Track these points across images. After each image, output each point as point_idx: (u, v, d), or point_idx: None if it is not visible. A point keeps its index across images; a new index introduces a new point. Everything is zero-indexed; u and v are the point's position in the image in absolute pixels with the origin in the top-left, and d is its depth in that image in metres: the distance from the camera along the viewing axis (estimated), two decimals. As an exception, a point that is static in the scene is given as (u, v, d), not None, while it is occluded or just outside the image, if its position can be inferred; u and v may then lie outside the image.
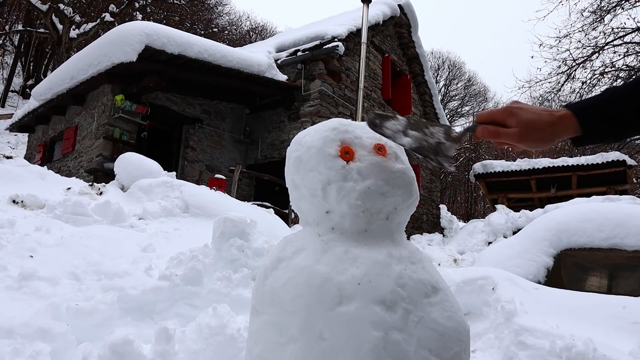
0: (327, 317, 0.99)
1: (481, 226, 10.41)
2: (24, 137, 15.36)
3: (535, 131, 0.89)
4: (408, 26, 12.93)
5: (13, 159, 5.41)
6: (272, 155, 10.57)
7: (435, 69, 30.17)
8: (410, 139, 1.03)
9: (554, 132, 0.89)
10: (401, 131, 1.04)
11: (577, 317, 2.66)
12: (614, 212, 4.56)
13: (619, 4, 11.17)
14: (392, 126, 1.05)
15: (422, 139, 1.02)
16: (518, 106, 0.91)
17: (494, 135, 0.93)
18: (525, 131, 0.89)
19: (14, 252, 2.65)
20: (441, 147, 1.01)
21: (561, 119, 0.88)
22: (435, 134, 1.02)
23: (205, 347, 1.87)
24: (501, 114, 0.92)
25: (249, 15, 51.99)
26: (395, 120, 1.06)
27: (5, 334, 1.75)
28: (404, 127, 1.05)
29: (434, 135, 1.02)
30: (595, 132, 0.88)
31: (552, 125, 0.88)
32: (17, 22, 22.60)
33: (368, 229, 1.11)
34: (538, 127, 0.88)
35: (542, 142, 0.90)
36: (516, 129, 0.89)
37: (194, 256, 2.75)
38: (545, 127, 0.88)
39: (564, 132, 0.88)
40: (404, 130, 1.04)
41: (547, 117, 0.89)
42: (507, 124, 0.91)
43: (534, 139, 0.89)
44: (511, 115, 0.90)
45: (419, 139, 1.02)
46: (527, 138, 0.89)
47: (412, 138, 1.03)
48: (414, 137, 1.03)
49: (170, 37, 8.03)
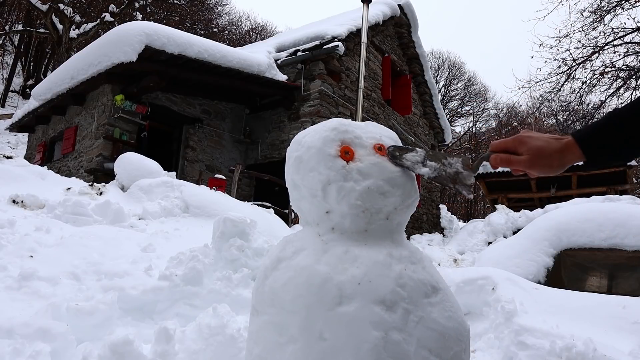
0: (327, 317, 0.99)
1: (481, 226, 10.41)
2: (24, 137, 15.36)
3: (544, 158, 0.94)
4: (408, 26, 12.92)
5: (13, 159, 5.41)
6: (272, 155, 10.57)
7: (435, 69, 30.16)
8: (429, 169, 1.09)
9: (561, 159, 0.94)
10: (420, 162, 1.11)
11: (577, 317, 2.66)
12: (614, 212, 4.56)
13: (619, 4, 11.17)
14: (411, 157, 1.12)
15: (441, 169, 1.08)
16: (528, 135, 0.97)
17: (507, 163, 0.99)
18: (534, 158, 0.95)
19: (14, 252, 2.65)
20: (459, 176, 1.07)
21: (567, 146, 0.93)
22: (453, 164, 1.08)
23: (205, 347, 1.88)
24: (512, 143, 0.98)
25: (249, 15, 51.99)
26: (414, 152, 1.12)
27: (5, 334, 1.75)
28: (423, 158, 1.11)
29: (452, 166, 1.08)
30: (598, 158, 0.93)
31: (559, 152, 0.94)
32: (17, 22, 22.59)
33: (368, 229, 1.11)
34: (547, 154, 0.94)
35: (551, 168, 0.95)
36: (527, 156, 0.95)
37: (194, 256, 2.75)
38: (553, 154, 0.94)
39: (571, 159, 0.94)
40: (422, 162, 1.10)
41: (555, 144, 0.94)
42: (518, 151, 0.97)
43: (543, 165, 0.95)
44: (522, 143, 0.96)
45: (438, 169, 1.09)
46: (536, 164, 0.95)
47: (431, 168, 1.09)
48: (433, 167, 1.09)
49: (170, 37, 8.03)
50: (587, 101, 16.66)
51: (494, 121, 32.88)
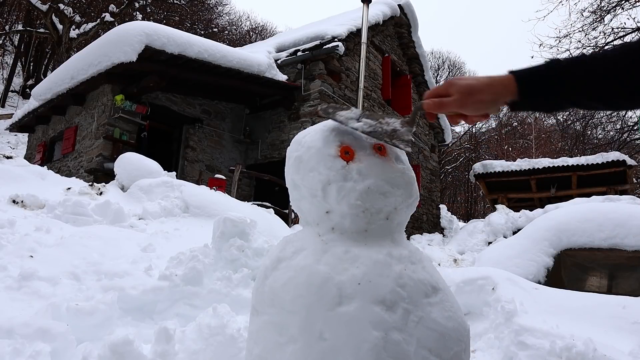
0: (327, 317, 0.99)
1: (481, 226, 10.41)
2: (24, 137, 15.36)
3: (474, 94, 0.92)
4: (408, 26, 12.92)
5: (13, 159, 5.41)
6: (272, 155, 10.57)
7: (435, 69, 30.16)
8: (363, 123, 1.07)
9: (493, 93, 0.92)
10: (354, 118, 1.09)
11: (577, 317, 2.66)
12: (614, 212, 4.56)
13: (619, 4, 11.18)
14: (345, 114, 1.11)
15: (377, 125, 1.07)
16: (458, 77, 0.96)
17: (438, 106, 0.97)
18: (465, 97, 0.93)
19: (14, 252, 2.65)
20: (397, 132, 1.05)
21: (500, 80, 0.92)
22: (391, 123, 1.07)
23: (205, 347, 1.87)
24: (443, 87, 0.97)
25: (249, 15, 52.03)
26: (349, 111, 1.11)
27: (5, 334, 1.75)
28: (358, 115, 1.10)
29: (389, 124, 1.07)
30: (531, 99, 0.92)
31: (490, 85, 0.92)
32: (17, 22, 22.60)
33: (368, 229, 1.11)
34: (477, 89, 0.92)
35: (482, 104, 0.93)
36: (457, 96, 0.93)
37: (194, 256, 2.75)
38: (483, 88, 0.92)
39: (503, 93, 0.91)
40: (357, 118, 1.09)
41: (485, 79, 0.93)
42: (449, 93, 0.95)
43: (474, 101, 0.92)
44: (451, 85, 0.95)
45: (373, 125, 1.07)
46: (467, 102, 0.93)
47: (365, 124, 1.07)
48: (368, 123, 1.07)
49: (170, 37, 8.03)
50: (587, 101, 16.58)
51: (494, 121, 32.87)
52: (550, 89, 0.89)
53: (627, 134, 16.17)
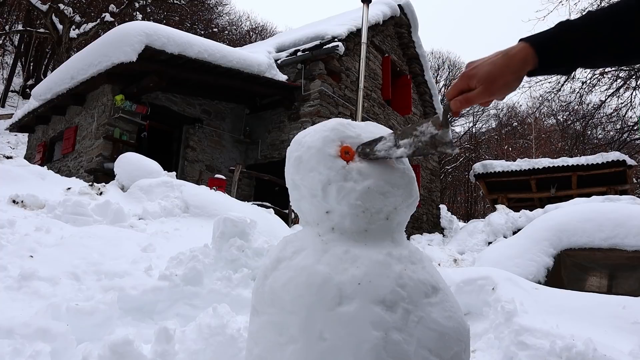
0: (327, 317, 0.99)
1: (481, 226, 10.40)
2: (24, 137, 15.36)
3: (496, 79, 0.90)
4: (408, 26, 12.93)
5: (13, 159, 5.41)
6: (272, 155, 10.57)
7: (435, 69, 30.15)
8: (404, 147, 1.05)
9: (514, 71, 0.90)
10: (393, 146, 1.07)
11: (577, 317, 2.66)
12: (614, 212, 4.56)
13: (619, 4, 11.15)
14: (382, 147, 1.08)
15: (415, 141, 1.04)
16: (472, 66, 0.93)
17: (466, 102, 0.95)
18: (489, 85, 0.91)
19: (14, 252, 2.65)
20: (436, 138, 1.02)
21: (518, 56, 0.90)
22: (425, 131, 1.04)
23: (205, 347, 1.87)
24: (462, 82, 0.94)
25: (249, 15, 52.02)
26: (384, 140, 1.09)
27: (5, 334, 1.75)
28: (394, 141, 1.07)
29: (425, 132, 1.04)
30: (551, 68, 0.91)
31: (508, 66, 0.90)
32: (17, 22, 22.59)
33: (368, 229, 1.11)
34: (498, 75, 0.90)
35: (507, 86, 0.91)
36: (481, 87, 0.91)
37: (194, 256, 2.75)
38: (504, 71, 0.90)
39: (524, 67, 0.90)
40: (395, 145, 1.07)
41: (502, 60, 0.90)
42: (471, 87, 0.93)
43: (500, 87, 0.91)
44: (470, 78, 0.93)
45: (412, 143, 1.04)
46: (494, 90, 0.91)
47: (405, 146, 1.05)
48: (407, 145, 1.05)
49: (170, 37, 8.03)
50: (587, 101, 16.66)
51: (494, 121, 32.90)
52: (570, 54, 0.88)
53: (627, 134, 16.18)
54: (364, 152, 1.10)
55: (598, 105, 15.50)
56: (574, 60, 0.89)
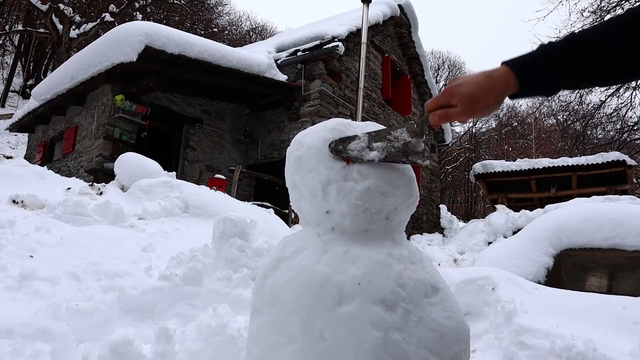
0: (327, 317, 0.99)
1: (481, 226, 10.40)
2: (24, 137, 15.35)
3: (477, 101, 0.92)
4: (408, 26, 12.92)
5: (13, 159, 5.41)
6: (272, 155, 10.57)
7: (435, 69, 30.15)
8: (377, 151, 1.06)
9: (495, 95, 0.91)
10: (366, 147, 1.07)
11: (577, 317, 2.66)
12: (614, 212, 4.56)
13: (619, 4, 11.18)
14: (355, 146, 1.08)
15: (389, 146, 1.05)
16: (456, 84, 0.94)
17: (445, 118, 0.96)
18: (469, 105, 0.92)
19: (14, 252, 2.65)
20: (409, 146, 1.04)
21: (500, 79, 0.91)
22: (399, 137, 1.05)
23: (205, 347, 1.87)
24: (444, 98, 0.96)
25: (249, 15, 52.02)
26: (358, 140, 1.08)
27: (5, 334, 1.75)
28: (368, 142, 1.07)
29: (399, 138, 1.05)
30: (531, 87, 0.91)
31: (490, 88, 0.91)
32: (17, 22, 22.59)
33: (368, 228, 1.11)
34: (479, 96, 0.91)
35: (488, 107, 0.93)
36: (461, 106, 0.92)
37: (194, 256, 2.75)
38: (485, 94, 0.91)
39: (504, 91, 0.91)
40: (368, 146, 1.07)
41: (485, 83, 0.91)
42: (451, 104, 0.94)
43: (480, 108, 0.92)
44: (452, 95, 0.94)
45: (385, 147, 1.05)
46: (473, 110, 0.93)
47: (378, 150, 1.06)
48: (380, 148, 1.06)
49: (170, 37, 8.03)
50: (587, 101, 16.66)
51: (494, 121, 32.88)
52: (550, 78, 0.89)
53: (627, 134, 16.17)
54: (337, 149, 1.10)
55: (598, 105, 15.50)
56: (556, 83, 0.90)
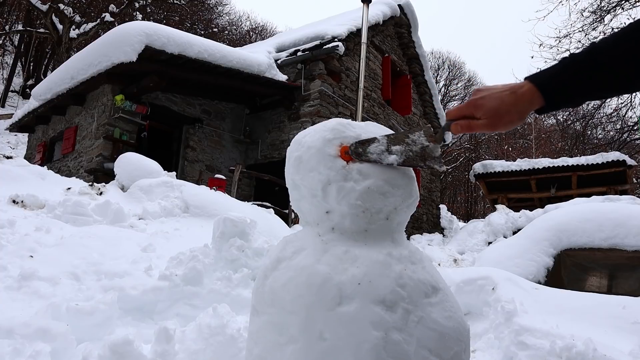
0: (327, 317, 0.99)
1: (481, 226, 10.40)
2: (24, 137, 15.35)
3: (502, 116, 0.93)
4: (408, 26, 12.92)
5: (13, 159, 5.41)
6: (272, 155, 10.57)
7: (435, 69, 30.16)
8: (396, 155, 1.07)
9: (520, 111, 0.92)
10: (385, 151, 1.08)
11: (577, 317, 2.66)
12: (614, 212, 4.56)
13: (619, 4, 11.18)
14: (375, 149, 1.09)
15: (407, 150, 1.06)
16: (480, 96, 0.95)
17: (467, 129, 0.97)
18: (494, 120, 0.93)
19: (14, 252, 2.65)
20: (426, 150, 1.05)
21: (524, 95, 0.91)
22: (417, 140, 1.06)
23: (205, 347, 1.87)
24: (468, 108, 0.96)
25: (249, 15, 52.00)
26: (377, 142, 1.09)
27: (5, 334, 1.75)
28: (386, 145, 1.08)
29: (416, 142, 1.06)
30: (557, 102, 0.92)
31: (515, 104, 0.92)
32: (17, 22, 22.59)
33: (368, 229, 1.11)
34: (504, 111, 0.92)
35: (512, 123, 0.94)
36: (485, 120, 0.94)
37: (194, 256, 2.75)
38: (510, 109, 0.92)
39: (529, 107, 0.92)
40: (387, 149, 1.08)
41: (509, 99, 0.92)
42: (475, 116, 0.95)
43: (504, 123, 0.94)
44: (476, 107, 0.94)
45: (404, 151, 1.06)
46: (497, 125, 0.94)
47: (397, 154, 1.06)
48: (399, 152, 1.06)
49: (170, 37, 8.03)
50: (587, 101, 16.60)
51: (494, 121, 32.82)
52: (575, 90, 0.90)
53: (627, 134, 16.17)
54: (357, 152, 1.11)
55: (598, 105, 15.51)
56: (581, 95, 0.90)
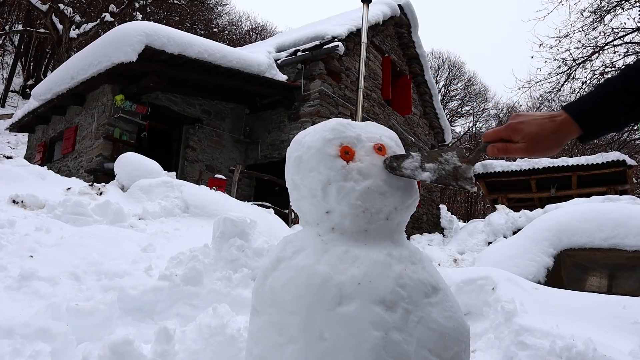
0: (327, 317, 0.99)
1: (481, 226, 10.40)
2: (24, 137, 15.35)
3: (540, 142, 0.93)
4: (408, 26, 12.92)
5: (13, 159, 5.41)
6: (272, 155, 10.57)
7: (435, 69, 30.14)
8: (429, 172, 1.07)
9: (559, 138, 0.93)
10: (419, 167, 1.08)
11: (577, 317, 2.66)
12: (614, 212, 4.56)
13: (619, 4, 11.18)
14: (409, 165, 1.09)
15: (440, 168, 1.07)
16: (520, 121, 0.95)
17: (504, 152, 0.98)
18: (532, 144, 0.94)
19: (14, 252, 2.65)
20: (459, 170, 1.06)
21: (562, 124, 0.92)
22: (449, 160, 1.07)
23: (205, 347, 1.87)
24: (506, 132, 0.97)
25: (249, 15, 51.98)
26: (411, 159, 1.10)
27: (5, 334, 1.75)
28: (420, 162, 1.09)
29: (449, 162, 1.07)
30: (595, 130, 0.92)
31: (554, 132, 0.92)
32: (17, 22, 22.59)
33: (368, 229, 1.11)
34: (543, 137, 0.93)
35: (550, 149, 0.95)
36: (524, 144, 0.94)
37: (194, 256, 2.75)
38: (549, 136, 0.93)
39: (567, 135, 0.93)
40: (421, 166, 1.08)
41: (549, 125, 0.93)
42: (513, 139, 0.96)
43: (542, 149, 0.94)
44: (516, 131, 0.95)
45: (437, 169, 1.07)
46: (535, 150, 0.94)
47: (431, 171, 1.07)
48: (432, 170, 1.07)
49: (170, 37, 8.03)
50: (587, 101, 16.59)
51: (494, 121, 32.88)
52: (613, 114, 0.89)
53: (627, 134, 16.17)
54: (391, 166, 1.11)
55: (598, 105, 15.46)
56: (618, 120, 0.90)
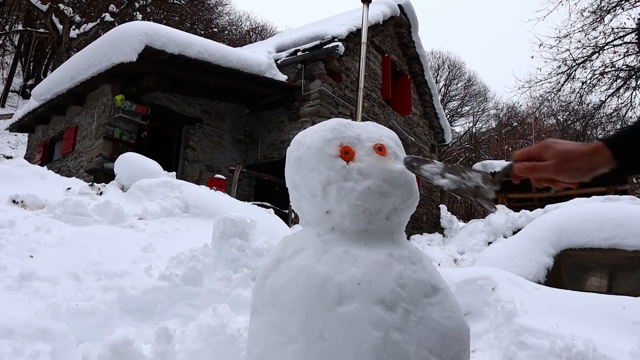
0: (327, 317, 0.99)
1: (481, 226, 10.40)
2: (24, 137, 15.35)
3: (571, 161, 0.89)
4: (408, 26, 12.92)
5: (13, 159, 5.41)
6: (272, 155, 10.57)
7: (435, 69, 30.13)
8: (448, 180, 1.06)
9: (591, 162, 0.89)
10: (439, 173, 1.07)
11: (577, 317, 2.66)
12: (614, 212, 4.56)
13: (619, 4, 11.18)
14: (429, 169, 1.08)
15: (460, 181, 1.05)
16: (554, 140, 0.92)
17: (532, 170, 0.93)
18: (562, 162, 0.89)
19: (14, 252, 2.65)
20: (480, 190, 1.04)
21: (596, 149, 0.88)
22: (472, 178, 1.05)
23: (205, 347, 1.87)
24: (537, 149, 0.93)
25: (249, 15, 51.94)
26: (433, 164, 1.09)
27: (5, 334, 1.75)
28: (442, 170, 1.07)
29: (472, 179, 1.05)
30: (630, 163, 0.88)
31: (588, 154, 0.89)
32: (17, 22, 22.58)
33: (368, 229, 1.11)
34: (575, 157, 0.89)
35: (580, 172, 0.90)
36: (553, 161, 0.90)
37: (194, 256, 2.75)
38: (581, 156, 0.89)
39: (600, 163, 0.89)
40: (441, 173, 1.07)
41: (583, 147, 0.89)
42: (543, 157, 0.92)
43: (572, 169, 0.90)
44: (547, 148, 0.91)
45: (457, 181, 1.05)
46: (565, 169, 0.90)
47: (450, 180, 1.06)
48: (452, 180, 1.06)
49: (170, 37, 8.03)
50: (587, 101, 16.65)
51: (494, 121, 32.90)
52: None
53: (627, 134, 16.13)
54: (411, 165, 1.10)
55: (598, 105, 15.49)
56: None
